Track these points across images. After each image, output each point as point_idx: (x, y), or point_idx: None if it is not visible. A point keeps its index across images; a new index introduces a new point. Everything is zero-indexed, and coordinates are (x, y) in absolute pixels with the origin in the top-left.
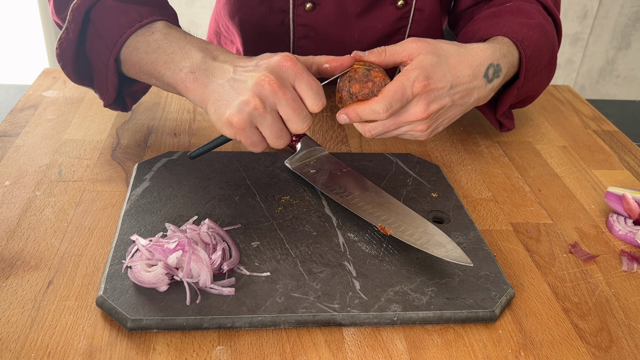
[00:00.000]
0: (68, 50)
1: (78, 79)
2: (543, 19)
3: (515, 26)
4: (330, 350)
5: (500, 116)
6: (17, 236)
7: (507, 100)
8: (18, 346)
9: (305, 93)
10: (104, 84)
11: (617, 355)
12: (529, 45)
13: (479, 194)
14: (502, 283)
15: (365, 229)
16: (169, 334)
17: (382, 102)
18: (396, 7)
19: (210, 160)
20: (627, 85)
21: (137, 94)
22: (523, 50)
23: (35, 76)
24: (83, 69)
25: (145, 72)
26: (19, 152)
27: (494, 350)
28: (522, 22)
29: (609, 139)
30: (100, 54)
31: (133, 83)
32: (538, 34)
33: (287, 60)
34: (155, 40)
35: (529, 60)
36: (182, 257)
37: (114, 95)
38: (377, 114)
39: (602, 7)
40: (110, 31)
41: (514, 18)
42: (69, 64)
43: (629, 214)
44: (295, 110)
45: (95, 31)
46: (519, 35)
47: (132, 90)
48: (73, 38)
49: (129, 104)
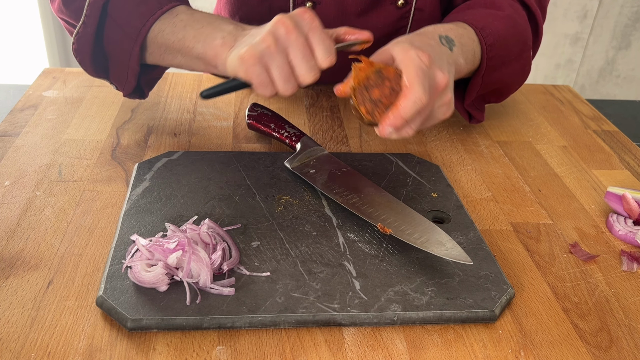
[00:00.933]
0: (86, 44)
1: (95, 72)
2: (514, 12)
3: (478, 16)
4: (330, 350)
5: (470, 107)
6: (17, 236)
7: (472, 89)
8: (18, 346)
9: (316, 45)
10: (124, 74)
11: (617, 355)
12: (491, 34)
13: (479, 194)
14: (502, 283)
15: (365, 229)
16: (169, 334)
17: (416, 87)
18: (396, 6)
19: (210, 160)
20: (627, 85)
21: (154, 81)
22: (483, 38)
23: (35, 76)
24: (100, 61)
25: (171, 51)
26: (19, 152)
27: (494, 350)
28: (488, 13)
29: (609, 139)
30: (122, 44)
31: (151, 70)
32: (505, 25)
33: (306, 12)
34: (181, 20)
35: (490, 48)
36: (182, 257)
37: (134, 84)
38: (419, 100)
39: (602, 7)
40: (132, 21)
41: (483, 10)
42: (87, 58)
43: (629, 214)
44: (304, 56)
45: (115, 23)
46: (479, 23)
47: (149, 77)
48: (91, 32)
49: (146, 92)
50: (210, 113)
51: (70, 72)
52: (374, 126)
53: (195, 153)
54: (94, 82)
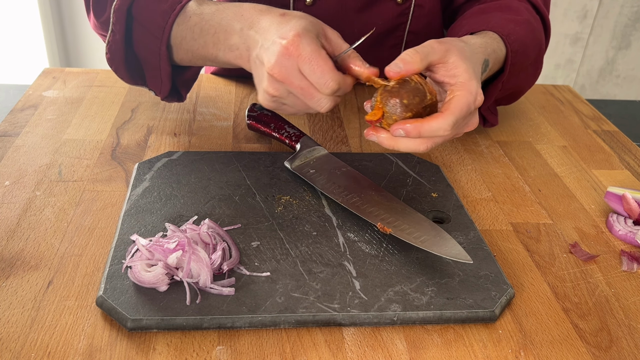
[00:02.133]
0: (117, 52)
1: (131, 79)
2: (531, 17)
3: (502, 21)
4: (330, 350)
5: (485, 111)
6: (17, 236)
7: (491, 94)
8: (18, 346)
9: (310, 78)
10: (158, 77)
11: (617, 355)
12: (515, 40)
13: (479, 194)
14: (502, 283)
15: (365, 229)
16: (169, 334)
17: (449, 118)
18: (396, 3)
19: (210, 160)
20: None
21: (190, 82)
22: (509, 45)
23: (35, 76)
24: (134, 68)
25: (200, 56)
26: (19, 152)
27: (494, 350)
28: (509, 18)
29: (609, 139)
30: (151, 45)
31: (184, 71)
32: (525, 30)
33: (291, 46)
34: (195, 24)
35: (514, 54)
36: (182, 257)
37: (169, 85)
38: (443, 130)
39: (602, 7)
40: (156, 21)
41: (501, 14)
42: (121, 66)
43: (629, 214)
44: (306, 96)
45: (141, 25)
46: (505, 30)
47: (184, 78)
48: (120, 39)
49: (183, 94)
50: (210, 113)
51: (70, 72)
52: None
53: (195, 153)
54: (94, 82)
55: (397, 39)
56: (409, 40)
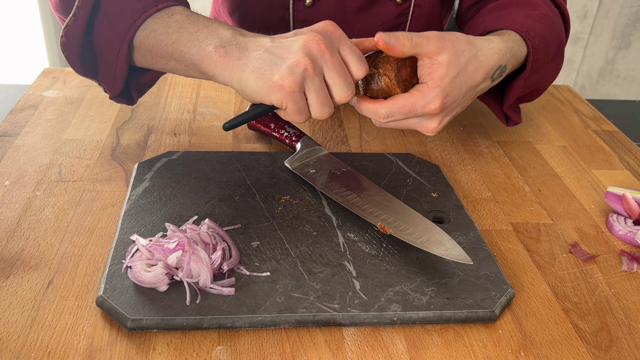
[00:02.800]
0: (74, 38)
1: (82, 70)
2: (549, 10)
3: (521, 18)
4: (330, 350)
5: (507, 109)
6: (17, 236)
7: (514, 92)
8: (18, 346)
9: (349, 57)
10: (112, 74)
11: (617, 355)
12: (535, 36)
13: (479, 194)
14: (502, 283)
15: (365, 229)
16: (169, 334)
17: (385, 109)
18: (395, 3)
19: (210, 160)
20: (627, 85)
21: (145, 86)
22: (529, 41)
23: (35, 76)
24: (88, 59)
25: (164, 54)
26: (19, 152)
27: (494, 350)
28: (527, 14)
29: (609, 139)
30: (111, 41)
31: (142, 74)
32: (544, 24)
33: (331, 25)
34: (176, 22)
35: (535, 51)
36: (182, 257)
37: (122, 85)
38: (375, 115)
39: (602, 7)
40: (124, 17)
41: (519, 9)
42: (74, 53)
43: (629, 214)
44: (341, 74)
45: (106, 18)
46: (524, 27)
47: (140, 81)
48: (81, 25)
49: (135, 97)
50: (210, 113)
51: (70, 72)
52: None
53: (195, 153)
54: (93, 82)
55: None
56: None
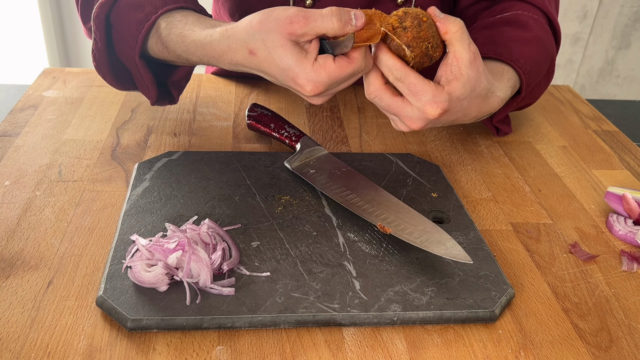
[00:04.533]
0: (102, 60)
1: (121, 85)
2: (540, 30)
3: (513, 44)
4: (330, 350)
5: (497, 123)
6: (17, 236)
7: (504, 111)
8: (18, 346)
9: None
10: (143, 84)
11: (617, 355)
12: (526, 62)
13: (479, 194)
14: (502, 283)
15: (365, 229)
16: (169, 334)
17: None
18: (396, 3)
19: (210, 160)
20: (627, 85)
21: (181, 83)
22: (520, 69)
23: (35, 76)
24: (123, 73)
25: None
26: (19, 152)
27: (494, 350)
28: (519, 37)
29: (609, 139)
30: (127, 54)
31: (173, 72)
32: (535, 48)
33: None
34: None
35: (528, 77)
36: (182, 257)
37: (155, 91)
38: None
39: (602, 7)
40: (131, 30)
41: (511, 31)
42: (107, 73)
43: (629, 214)
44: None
45: (118, 34)
46: (514, 55)
47: (173, 79)
48: (102, 46)
49: (175, 95)
50: (210, 113)
51: (70, 72)
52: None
53: (195, 153)
54: (94, 82)
55: None
56: None
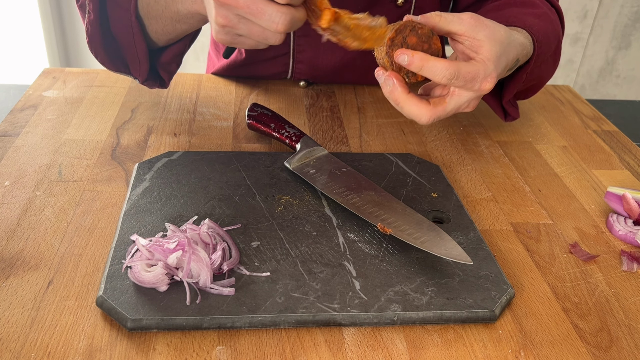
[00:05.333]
0: (95, 34)
1: (112, 64)
2: (547, 9)
3: (522, 15)
4: (330, 350)
5: (506, 104)
6: (17, 236)
7: (514, 85)
8: (18, 346)
9: None
10: (135, 56)
11: (617, 355)
12: (538, 31)
13: (479, 194)
14: (502, 283)
15: (365, 229)
16: (169, 334)
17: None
18: (396, 5)
19: (210, 160)
20: (627, 85)
21: (170, 66)
22: (534, 35)
23: (35, 76)
24: (114, 50)
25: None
26: (19, 152)
27: (494, 350)
28: (527, 12)
29: (609, 139)
30: (123, 19)
31: (161, 53)
32: (544, 22)
33: None
34: None
35: (539, 45)
36: (182, 257)
37: (147, 65)
38: (441, 76)
39: (602, 7)
40: None
41: (518, 9)
42: (100, 49)
43: (629, 214)
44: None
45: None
46: (527, 23)
47: (163, 61)
48: (95, 19)
49: (166, 79)
50: (210, 113)
51: (70, 72)
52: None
53: (195, 153)
54: (94, 82)
55: None
56: None
